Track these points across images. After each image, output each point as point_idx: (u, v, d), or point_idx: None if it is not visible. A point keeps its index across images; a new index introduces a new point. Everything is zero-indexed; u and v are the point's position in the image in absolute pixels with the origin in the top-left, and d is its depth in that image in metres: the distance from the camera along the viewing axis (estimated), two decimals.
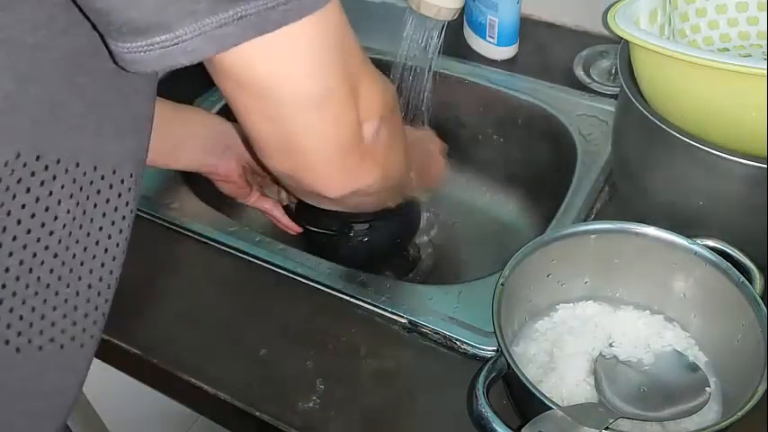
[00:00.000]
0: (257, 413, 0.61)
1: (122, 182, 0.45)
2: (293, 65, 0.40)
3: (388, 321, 0.67)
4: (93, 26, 0.38)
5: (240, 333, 0.67)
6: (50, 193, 0.41)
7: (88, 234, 0.44)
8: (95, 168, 0.43)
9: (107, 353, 0.68)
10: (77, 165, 0.42)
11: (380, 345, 0.65)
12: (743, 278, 0.57)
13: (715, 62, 0.55)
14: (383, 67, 0.92)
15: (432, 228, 0.97)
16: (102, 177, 0.43)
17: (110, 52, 0.38)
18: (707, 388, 0.55)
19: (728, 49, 0.75)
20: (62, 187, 0.41)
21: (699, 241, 0.60)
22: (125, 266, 0.66)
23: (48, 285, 0.43)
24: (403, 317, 0.66)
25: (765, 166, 0.59)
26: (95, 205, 0.44)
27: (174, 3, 0.34)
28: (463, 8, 0.86)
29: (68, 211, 0.42)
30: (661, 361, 0.59)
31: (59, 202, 0.41)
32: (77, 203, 0.42)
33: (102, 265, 0.46)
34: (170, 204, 0.79)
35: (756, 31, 0.75)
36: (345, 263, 0.73)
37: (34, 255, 0.42)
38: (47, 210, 0.41)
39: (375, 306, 0.67)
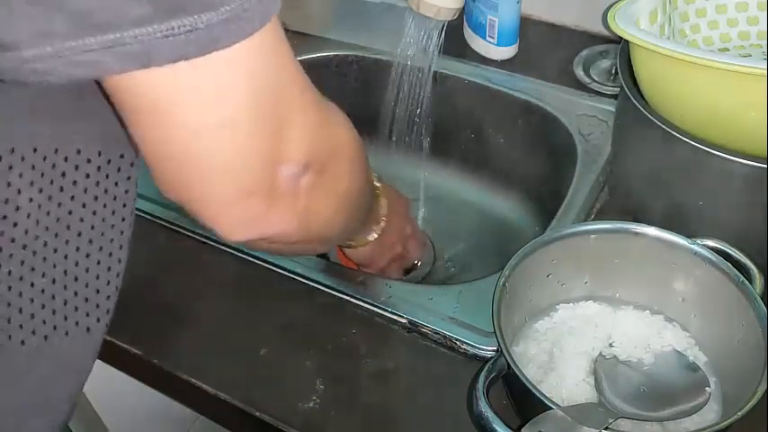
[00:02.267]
0: (257, 413, 0.61)
1: (88, 161, 0.42)
2: (201, 92, 0.35)
3: (388, 321, 0.67)
4: None
5: (240, 333, 0.67)
6: (8, 185, 0.39)
7: (58, 220, 0.42)
8: (56, 151, 0.40)
9: (107, 353, 0.68)
10: (35, 150, 0.39)
11: (380, 345, 0.65)
12: (743, 278, 0.57)
13: (715, 62, 0.55)
14: (383, 67, 0.94)
15: (431, 228, 0.97)
16: (66, 159, 0.41)
17: None
18: (707, 388, 0.55)
19: (728, 49, 0.75)
20: (20, 176, 0.39)
21: (699, 241, 0.60)
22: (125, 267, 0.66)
23: (20, 278, 0.42)
24: (403, 317, 0.66)
25: (765, 166, 0.59)
26: (61, 188, 0.41)
27: (22, 20, 0.30)
28: (463, 8, 0.86)
29: (31, 200, 0.40)
30: (661, 361, 0.59)
31: (19, 191, 0.39)
32: (40, 190, 0.40)
33: (56, 250, 0.44)
34: (170, 204, 0.78)
35: (756, 31, 0.75)
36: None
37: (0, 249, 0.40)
38: (6, 202, 0.39)
39: (375, 306, 0.67)
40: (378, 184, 0.68)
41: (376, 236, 0.69)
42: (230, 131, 0.37)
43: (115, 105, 0.37)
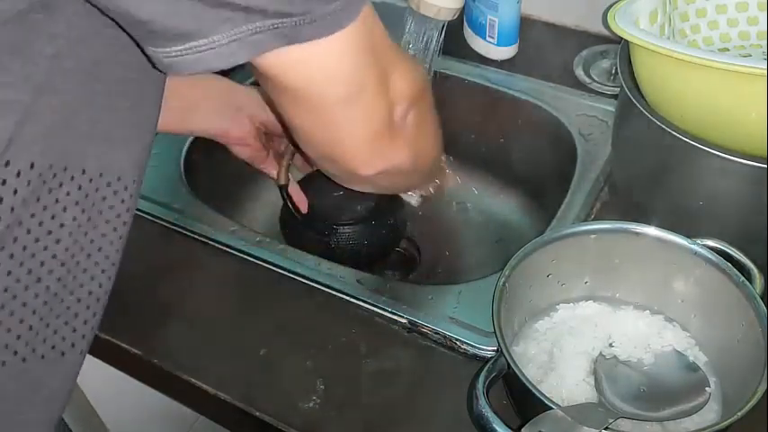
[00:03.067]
0: (257, 413, 0.61)
1: (125, 188, 0.45)
2: (327, 71, 0.43)
3: (388, 321, 0.67)
4: (127, 33, 0.39)
5: (240, 333, 0.67)
6: (56, 201, 0.41)
7: (92, 241, 0.44)
8: (101, 175, 0.43)
9: (107, 353, 0.68)
10: (83, 171, 0.42)
11: (380, 345, 0.65)
12: (743, 278, 0.57)
13: (715, 62, 0.55)
14: None
15: (431, 228, 0.97)
16: (108, 184, 0.44)
17: (147, 57, 0.39)
18: (707, 388, 0.55)
19: (728, 49, 0.75)
20: (67, 194, 0.41)
21: (699, 241, 0.60)
22: (125, 266, 0.66)
23: (55, 294, 0.43)
24: (403, 317, 0.66)
25: (765, 166, 0.59)
26: (100, 212, 0.44)
27: (211, 11, 0.36)
28: (463, 8, 0.86)
29: (74, 219, 0.42)
30: (661, 361, 0.59)
31: (65, 209, 0.42)
32: (83, 210, 0.43)
33: (103, 271, 0.46)
34: (170, 204, 0.79)
35: (756, 31, 0.75)
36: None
37: (42, 263, 0.42)
38: (53, 218, 0.41)
39: (375, 306, 0.67)
40: None
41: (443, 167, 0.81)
42: (362, 97, 0.45)
43: (268, 89, 0.45)
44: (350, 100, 0.45)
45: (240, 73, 0.94)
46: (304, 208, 0.81)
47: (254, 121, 0.75)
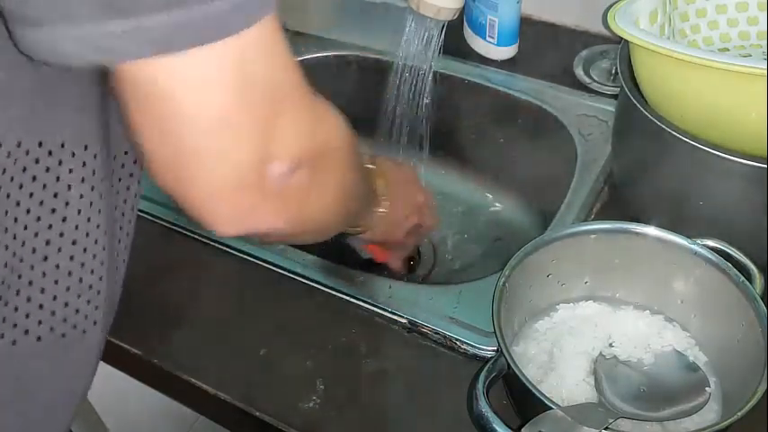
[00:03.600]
0: (257, 413, 0.61)
1: (134, 162, 0.44)
2: (197, 89, 0.36)
3: (388, 321, 0.67)
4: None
5: (240, 333, 0.67)
6: (57, 179, 0.40)
7: (89, 218, 0.43)
8: (107, 150, 0.42)
9: (107, 353, 0.68)
10: (86, 147, 0.41)
11: (380, 345, 0.65)
12: (743, 278, 0.57)
13: (715, 62, 0.55)
14: (383, 67, 0.93)
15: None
16: (115, 158, 0.43)
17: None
18: (707, 388, 0.55)
19: (728, 49, 0.75)
20: (70, 171, 0.40)
21: (699, 241, 0.60)
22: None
23: (69, 273, 0.43)
24: (403, 317, 0.66)
25: (765, 166, 0.59)
26: (112, 186, 0.43)
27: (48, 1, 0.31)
28: (463, 8, 0.86)
29: (81, 196, 0.41)
30: (661, 361, 0.59)
31: (69, 187, 0.41)
32: (92, 187, 0.41)
33: (101, 246, 0.45)
34: (170, 204, 0.78)
35: (756, 31, 0.75)
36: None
37: (47, 242, 0.41)
38: (55, 196, 0.40)
39: (375, 306, 0.67)
40: (371, 166, 0.65)
41: (380, 215, 0.68)
42: (222, 126, 0.37)
43: (117, 94, 0.37)
44: (210, 129, 0.37)
45: None
46: None
47: None
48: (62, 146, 0.40)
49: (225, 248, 0.74)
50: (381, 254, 0.76)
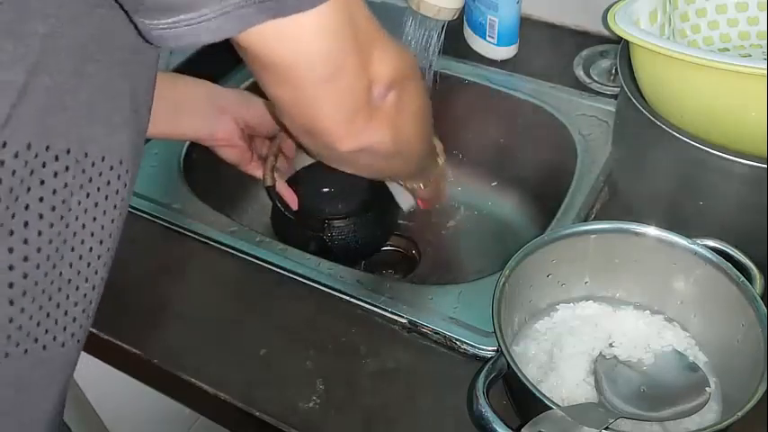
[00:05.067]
0: (257, 413, 0.61)
1: (127, 172, 0.45)
2: (307, 46, 0.42)
3: (388, 321, 0.67)
4: (119, 5, 0.39)
5: (240, 333, 0.67)
6: (65, 185, 0.41)
7: (102, 227, 0.44)
8: (104, 159, 0.43)
9: (107, 353, 0.68)
10: (86, 155, 0.42)
11: (380, 345, 0.65)
12: (743, 278, 0.57)
13: (715, 62, 0.55)
14: None
15: (431, 228, 0.97)
16: (111, 168, 0.44)
17: (137, 29, 0.40)
18: (707, 388, 0.55)
19: (728, 49, 0.75)
20: (73, 178, 0.41)
21: (699, 241, 0.60)
22: (125, 266, 0.67)
23: (69, 281, 0.43)
24: (403, 317, 0.66)
25: (765, 166, 0.59)
26: (106, 197, 0.44)
27: None
28: (463, 8, 0.86)
29: (79, 203, 0.42)
30: (661, 361, 0.59)
31: (72, 193, 0.42)
32: (88, 195, 0.43)
33: (99, 257, 0.46)
34: (171, 205, 0.79)
35: (756, 31, 0.75)
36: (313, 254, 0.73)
37: (57, 249, 0.42)
38: (63, 202, 0.41)
39: (375, 306, 0.67)
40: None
41: (439, 169, 0.78)
42: (341, 74, 0.46)
43: (248, 63, 0.45)
44: (330, 77, 0.45)
45: (237, 75, 0.94)
46: (294, 205, 0.81)
47: (238, 122, 0.76)
48: (67, 152, 0.41)
49: (225, 248, 0.74)
50: (425, 202, 0.84)
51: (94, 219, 0.44)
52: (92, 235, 0.44)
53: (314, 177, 0.83)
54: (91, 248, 0.44)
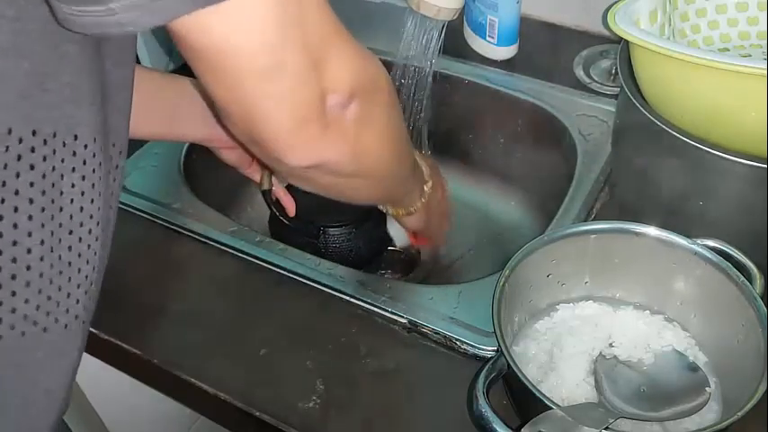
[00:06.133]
0: (257, 413, 0.61)
1: (120, 153, 0.45)
2: (246, 36, 0.39)
3: (388, 321, 0.67)
4: None
5: (240, 333, 0.67)
6: (53, 168, 0.40)
7: (99, 208, 0.44)
8: (95, 140, 0.42)
9: (107, 353, 0.68)
10: (75, 137, 0.41)
11: (380, 345, 0.65)
12: (743, 278, 0.57)
13: (715, 62, 0.55)
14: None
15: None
16: (103, 149, 0.43)
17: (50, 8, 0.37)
18: (707, 388, 0.55)
19: (728, 49, 0.75)
20: (62, 161, 0.41)
21: (699, 241, 0.60)
22: (125, 266, 0.67)
23: (69, 264, 0.43)
24: (403, 317, 0.66)
25: (765, 166, 0.59)
26: (100, 178, 0.43)
27: None
28: (463, 8, 0.86)
29: (73, 186, 0.42)
30: (661, 361, 0.59)
31: (62, 176, 0.41)
32: (83, 177, 0.42)
33: (97, 238, 0.45)
34: (171, 205, 0.79)
35: (756, 31, 0.75)
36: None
37: (52, 233, 0.41)
38: (53, 186, 0.41)
39: (375, 306, 0.67)
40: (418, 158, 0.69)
41: (425, 197, 0.72)
42: (284, 72, 0.41)
43: (182, 54, 0.41)
44: (270, 74, 0.41)
45: None
46: (292, 211, 0.81)
47: None
48: (54, 135, 0.40)
49: (225, 248, 0.74)
50: (421, 239, 0.80)
51: (92, 201, 0.43)
52: (90, 217, 0.44)
53: None
54: (90, 230, 0.44)
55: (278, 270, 0.71)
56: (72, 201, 0.42)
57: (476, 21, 0.94)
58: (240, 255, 0.73)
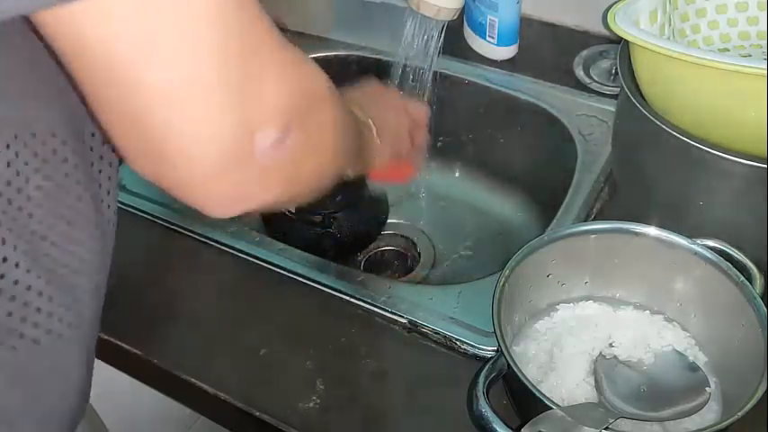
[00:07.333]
0: (257, 413, 0.61)
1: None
2: (147, 44, 0.29)
3: (388, 321, 0.67)
4: None
5: (240, 333, 0.67)
6: (17, 173, 0.37)
7: (69, 206, 0.41)
8: (54, 135, 0.39)
9: (107, 353, 0.68)
10: (33, 135, 0.37)
11: (380, 345, 0.65)
12: (743, 278, 0.58)
13: (715, 62, 0.55)
14: (383, 67, 0.93)
15: (432, 228, 0.97)
16: (65, 143, 0.39)
17: None
18: (707, 388, 0.55)
19: (728, 49, 0.75)
20: (26, 164, 0.37)
21: (699, 241, 0.60)
22: (125, 266, 0.66)
23: (65, 265, 0.42)
24: (403, 317, 0.66)
25: (765, 166, 0.59)
26: (66, 175, 0.40)
27: None
28: (463, 8, 0.86)
29: (39, 187, 0.38)
30: (661, 361, 0.59)
31: (27, 180, 0.38)
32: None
33: (85, 241, 0.44)
34: (171, 205, 0.79)
35: (756, 31, 0.75)
36: (311, 252, 0.74)
37: (28, 242, 0.39)
38: (19, 192, 0.37)
39: (375, 306, 0.67)
40: (355, 111, 0.59)
41: (374, 141, 0.62)
42: (193, 93, 0.31)
43: (60, 54, 0.32)
44: (176, 98, 0.31)
45: None
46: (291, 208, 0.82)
47: None
48: (15, 138, 0.37)
49: (225, 248, 0.74)
50: (396, 175, 0.74)
51: (59, 199, 0.40)
52: (61, 217, 0.40)
53: None
54: (61, 232, 0.41)
55: (278, 270, 0.71)
56: (41, 205, 0.39)
57: (476, 21, 0.94)
58: (240, 255, 0.73)
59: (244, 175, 0.36)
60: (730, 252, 0.60)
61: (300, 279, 0.70)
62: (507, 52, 0.95)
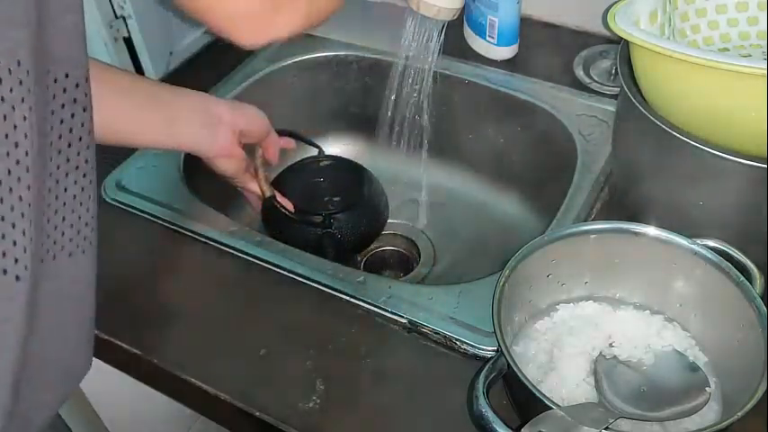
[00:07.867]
0: (257, 413, 0.61)
1: (77, 86, 0.42)
2: None
3: (388, 321, 0.67)
4: None
5: (240, 333, 0.67)
6: (2, 99, 0.37)
7: (51, 144, 0.41)
8: (42, 68, 0.39)
9: (107, 353, 0.68)
10: (19, 63, 0.38)
11: (380, 345, 0.65)
12: (743, 278, 0.58)
13: (715, 62, 0.55)
14: (383, 67, 0.93)
15: (432, 228, 0.97)
16: (56, 81, 0.40)
17: None
18: (707, 388, 0.55)
19: (728, 49, 0.75)
20: (11, 91, 0.37)
21: (699, 241, 0.60)
22: (125, 266, 0.67)
23: (12, 208, 0.40)
24: (403, 317, 0.66)
25: (765, 166, 0.59)
26: (53, 112, 0.41)
27: None
28: (463, 8, 0.86)
29: (25, 118, 0.38)
30: (661, 361, 0.59)
31: (13, 108, 0.38)
32: (30, 108, 0.39)
33: (85, 175, 0.44)
34: (171, 205, 0.79)
35: (756, 31, 0.75)
36: (312, 252, 0.74)
37: (9, 172, 0.39)
38: (5, 119, 0.37)
39: (375, 306, 0.67)
40: None
41: None
42: None
43: None
44: None
45: (238, 75, 0.94)
46: (290, 207, 0.82)
47: (234, 130, 0.76)
48: (18, 63, 0.37)
49: (225, 248, 0.74)
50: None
51: (26, 136, 0.39)
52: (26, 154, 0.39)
53: (300, 176, 0.86)
54: (56, 164, 0.41)
55: (278, 270, 0.71)
56: (26, 135, 0.39)
57: (476, 21, 0.94)
58: (240, 255, 0.73)
59: (269, 10, 0.44)
60: (730, 252, 0.60)
61: (300, 279, 0.70)
62: (507, 52, 0.95)
